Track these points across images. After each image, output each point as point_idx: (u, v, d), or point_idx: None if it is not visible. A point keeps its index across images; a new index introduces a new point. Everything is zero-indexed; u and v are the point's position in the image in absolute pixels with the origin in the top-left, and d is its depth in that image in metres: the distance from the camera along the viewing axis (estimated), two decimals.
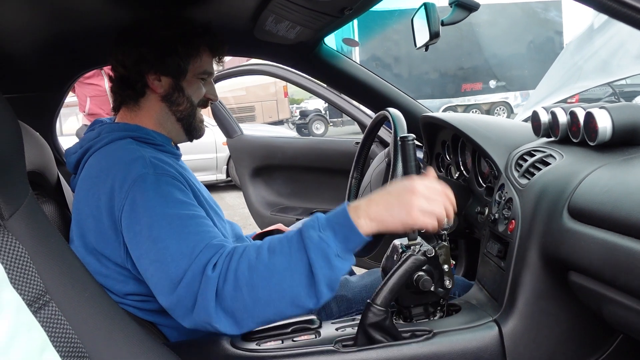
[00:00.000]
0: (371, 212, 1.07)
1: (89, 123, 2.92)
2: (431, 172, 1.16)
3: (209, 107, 1.56)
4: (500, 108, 15.39)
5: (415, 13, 1.44)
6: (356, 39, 13.69)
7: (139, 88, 1.35)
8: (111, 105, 2.38)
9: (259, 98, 16.52)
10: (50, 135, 1.96)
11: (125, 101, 1.38)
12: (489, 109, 15.33)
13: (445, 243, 1.26)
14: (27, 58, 1.65)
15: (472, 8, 1.28)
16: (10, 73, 1.68)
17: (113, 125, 1.34)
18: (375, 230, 1.07)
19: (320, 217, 1.09)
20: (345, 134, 16.03)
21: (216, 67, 1.46)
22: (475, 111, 15.21)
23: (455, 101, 15.25)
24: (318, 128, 17.03)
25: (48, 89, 1.87)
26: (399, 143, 1.29)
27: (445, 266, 1.25)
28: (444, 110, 14.89)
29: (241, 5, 1.55)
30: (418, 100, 2.26)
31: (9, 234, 0.87)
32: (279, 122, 17.26)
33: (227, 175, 8.77)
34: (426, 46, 1.41)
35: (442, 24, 1.31)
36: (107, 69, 2.85)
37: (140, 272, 1.14)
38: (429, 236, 1.28)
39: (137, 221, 1.13)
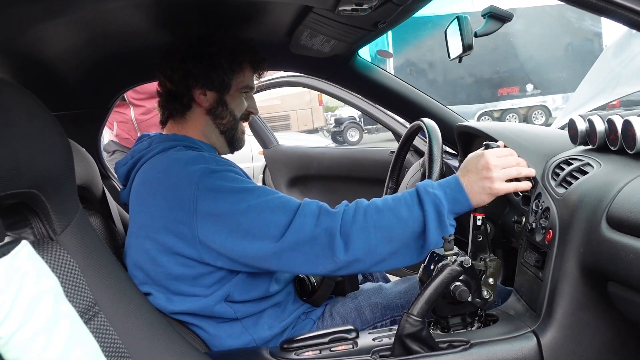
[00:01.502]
0: (471, 187, 1.26)
1: (116, 139, 3.01)
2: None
3: None
4: (538, 112, 15.06)
5: (449, 26, 1.45)
6: (390, 45, 13.67)
7: (186, 102, 1.42)
8: (137, 132, 2.46)
9: (294, 107, 16.61)
10: (95, 150, 2.03)
11: (173, 114, 1.45)
12: (527, 113, 15.03)
13: (496, 257, 1.28)
14: (74, 77, 1.72)
15: (506, 19, 1.28)
16: (59, 92, 1.76)
17: (163, 136, 1.40)
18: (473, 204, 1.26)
19: (431, 181, 1.28)
20: (380, 140, 15.96)
21: (256, 82, 1.52)
22: (513, 115, 14.94)
23: (492, 106, 15.01)
24: (353, 135, 17.00)
25: (94, 106, 1.94)
26: (436, 154, 1.33)
27: (491, 279, 1.25)
28: (481, 115, 14.68)
29: (277, 21, 1.59)
30: (454, 106, 2.26)
31: (61, 249, 0.92)
32: (314, 131, 17.31)
33: (263, 184, 8.85)
34: (460, 58, 1.42)
35: (476, 35, 1.32)
36: (131, 99, 2.93)
37: (232, 251, 1.22)
38: (482, 247, 1.30)
39: (216, 204, 1.21)
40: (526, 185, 1.32)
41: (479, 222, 1.33)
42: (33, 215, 0.91)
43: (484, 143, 1.36)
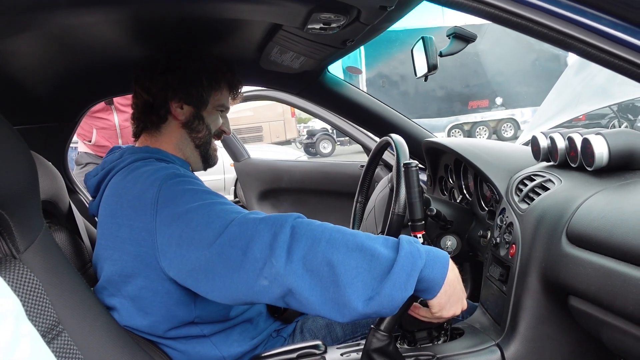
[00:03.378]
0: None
1: (89, 151, 2.96)
2: None
3: None
4: (507, 125, 15.37)
5: (415, 45, 1.48)
6: (363, 57, 13.82)
7: (162, 114, 1.42)
8: (119, 139, 2.41)
9: (266, 118, 16.62)
10: (61, 163, 2.01)
11: (147, 127, 1.44)
12: (496, 126, 15.32)
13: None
14: (41, 91, 1.70)
15: (470, 39, 1.32)
16: (24, 105, 1.73)
17: (135, 147, 1.39)
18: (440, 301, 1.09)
19: (422, 246, 1.08)
20: (352, 152, 16.06)
21: (231, 103, 1.53)
22: (483, 128, 15.20)
23: (462, 119, 15.26)
24: (325, 147, 17.07)
25: (61, 120, 1.91)
26: (402, 169, 1.33)
27: None
28: (451, 128, 14.91)
29: (248, 37, 1.60)
30: (425, 119, 2.30)
31: (24, 267, 0.91)
32: (287, 142, 17.33)
33: (235, 196, 8.79)
34: (425, 76, 1.45)
35: (441, 55, 1.35)
36: (118, 105, 2.90)
37: (177, 258, 1.12)
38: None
39: (176, 205, 1.14)
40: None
41: (420, 241, 1.34)
42: None
43: None
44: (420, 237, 1.34)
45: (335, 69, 2.17)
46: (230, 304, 1.11)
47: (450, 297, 1.09)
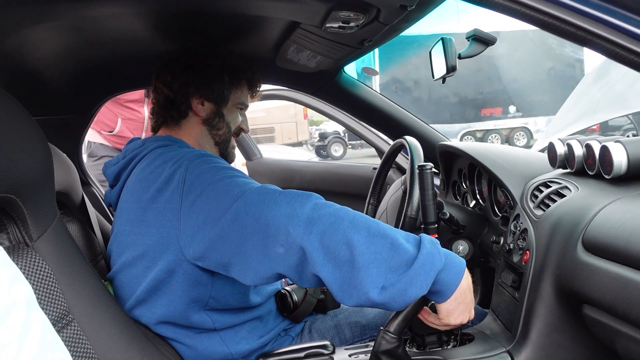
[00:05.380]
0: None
1: (106, 143, 2.94)
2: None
3: None
4: (520, 133, 15.26)
5: (433, 46, 1.47)
6: (377, 62, 13.78)
7: (184, 109, 1.43)
8: (143, 133, 2.41)
9: (278, 119, 16.66)
10: (76, 155, 2.02)
11: (167, 122, 1.45)
12: (509, 135, 15.22)
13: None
14: (59, 83, 1.71)
15: (489, 42, 1.30)
16: (42, 96, 1.74)
17: (158, 136, 1.39)
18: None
19: (442, 248, 1.06)
20: (363, 156, 16.03)
21: (250, 102, 1.54)
22: (495, 136, 15.11)
23: (475, 126, 15.18)
24: (337, 150, 17.05)
25: (77, 112, 1.92)
26: (417, 172, 1.32)
27: None
28: (463, 135, 14.83)
29: (265, 35, 1.60)
30: (437, 125, 2.29)
31: (37, 255, 0.91)
32: (298, 144, 17.35)
33: None
34: (443, 79, 1.44)
35: (460, 57, 1.34)
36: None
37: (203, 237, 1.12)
38: None
39: (200, 181, 1.14)
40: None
41: None
42: (9, 221, 0.90)
43: None
44: None
45: (349, 71, 2.16)
46: (249, 283, 1.09)
47: (460, 304, 1.08)
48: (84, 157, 2.42)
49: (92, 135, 2.97)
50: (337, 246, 1.00)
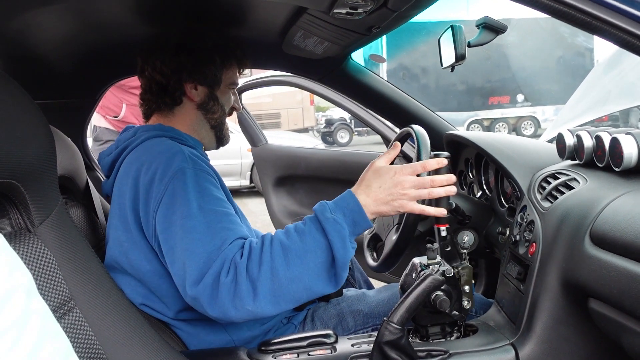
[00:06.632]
0: (371, 207, 1.17)
1: (110, 127, 2.94)
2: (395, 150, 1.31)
3: (234, 115, 1.61)
4: (527, 122, 15.17)
5: (442, 34, 1.44)
6: (384, 49, 13.68)
7: (178, 96, 1.40)
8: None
9: (285, 105, 16.59)
10: (80, 140, 2.01)
11: (160, 108, 1.43)
12: (516, 123, 15.13)
13: (467, 263, 1.27)
14: (62, 66, 1.69)
15: (500, 30, 1.28)
16: (45, 80, 1.73)
17: (149, 125, 1.38)
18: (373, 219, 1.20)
19: (329, 202, 1.18)
20: (370, 143, 15.98)
21: (240, 79, 1.53)
22: (502, 124, 15.03)
23: (482, 114, 15.09)
24: (343, 137, 17.02)
25: (82, 96, 1.91)
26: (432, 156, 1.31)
27: (467, 287, 1.25)
28: (470, 123, 14.75)
29: (271, 20, 1.58)
30: (444, 113, 2.26)
31: (39, 241, 0.90)
32: (304, 130, 17.29)
33: (251, 181, 8.82)
34: (452, 67, 1.42)
35: (469, 45, 1.32)
36: None
37: (168, 263, 1.17)
38: (451, 256, 1.29)
39: (173, 211, 1.16)
40: (435, 211, 1.22)
41: (443, 233, 1.32)
42: (11, 206, 0.89)
43: (436, 154, 1.31)
44: (444, 230, 1.32)
45: (357, 58, 2.13)
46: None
47: (378, 202, 1.17)
48: (90, 141, 2.42)
49: (97, 120, 2.97)
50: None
